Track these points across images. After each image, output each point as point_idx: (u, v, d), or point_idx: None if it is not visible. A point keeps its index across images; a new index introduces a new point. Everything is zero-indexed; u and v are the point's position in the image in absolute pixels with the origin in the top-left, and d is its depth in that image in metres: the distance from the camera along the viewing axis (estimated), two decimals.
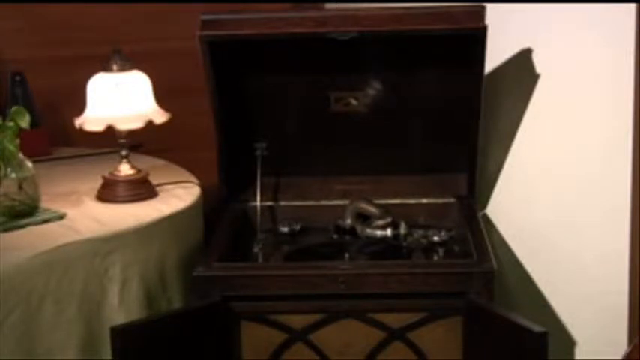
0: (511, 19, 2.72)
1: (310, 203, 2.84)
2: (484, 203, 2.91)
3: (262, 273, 2.47)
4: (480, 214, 2.85)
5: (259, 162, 2.74)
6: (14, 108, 2.49)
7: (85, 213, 2.54)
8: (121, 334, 2.25)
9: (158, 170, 2.81)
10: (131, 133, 2.65)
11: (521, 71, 2.75)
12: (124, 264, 2.41)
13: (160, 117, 2.65)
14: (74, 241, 2.36)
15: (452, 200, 2.82)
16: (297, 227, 2.79)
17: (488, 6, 2.53)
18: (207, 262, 2.46)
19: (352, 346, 2.44)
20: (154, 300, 2.48)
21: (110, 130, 2.61)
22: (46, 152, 3.03)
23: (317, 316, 2.43)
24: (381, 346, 2.44)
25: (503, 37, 2.69)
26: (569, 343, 2.72)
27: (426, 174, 2.84)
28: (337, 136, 2.84)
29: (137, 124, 2.61)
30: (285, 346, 2.45)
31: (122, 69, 2.62)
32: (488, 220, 2.88)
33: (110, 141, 2.70)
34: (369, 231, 2.71)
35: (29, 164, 2.49)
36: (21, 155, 2.47)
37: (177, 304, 2.53)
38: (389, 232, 2.69)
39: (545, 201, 2.76)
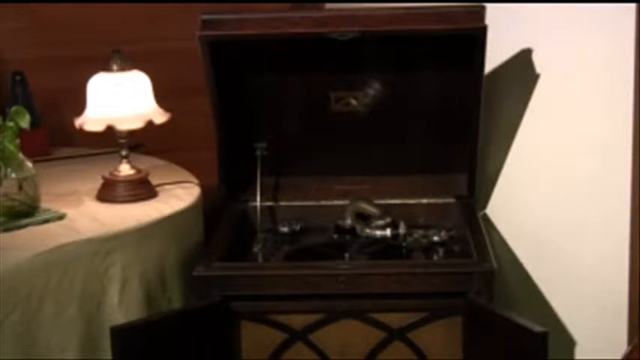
0: (511, 19, 2.72)
1: (310, 203, 2.84)
2: (484, 203, 2.91)
3: (262, 273, 2.47)
4: (480, 214, 2.85)
5: (259, 162, 2.74)
6: (14, 108, 2.49)
7: (85, 213, 2.54)
8: (121, 334, 2.25)
9: (158, 170, 2.81)
10: (131, 133, 2.65)
11: (521, 71, 2.75)
12: (124, 264, 2.41)
13: (159, 117, 2.65)
14: (74, 241, 2.36)
15: (452, 200, 2.82)
16: (297, 227, 2.79)
17: (489, 6, 2.52)
18: (207, 262, 2.46)
19: (352, 346, 2.44)
20: (154, 300, 2.48)
21: (110, 130, 2.61)
22: (46, 152, 3.03)
23: (317, 316, 2.43)
24: (381, 346, 2.44)
25: (503, 37, 2.69)
26: (569, 343, 2.72)
27: (426, 174, 2.84)
28: (337, 136, 2.84)
29: (137, 124, 2.62)
30: (285, 346, 2.45)
31: (122, 69, 2.62)
32: (488, 220, 2.88)
33: (110, 141, 2.70)
34: (368, 231, 2.71)
35: (29, 164, 2.49)
36: (21, 155, 2.47)
37: (177, 304, 2.53)
38: (388, 232, 2.69)
39: (545, 201, 2.76)
